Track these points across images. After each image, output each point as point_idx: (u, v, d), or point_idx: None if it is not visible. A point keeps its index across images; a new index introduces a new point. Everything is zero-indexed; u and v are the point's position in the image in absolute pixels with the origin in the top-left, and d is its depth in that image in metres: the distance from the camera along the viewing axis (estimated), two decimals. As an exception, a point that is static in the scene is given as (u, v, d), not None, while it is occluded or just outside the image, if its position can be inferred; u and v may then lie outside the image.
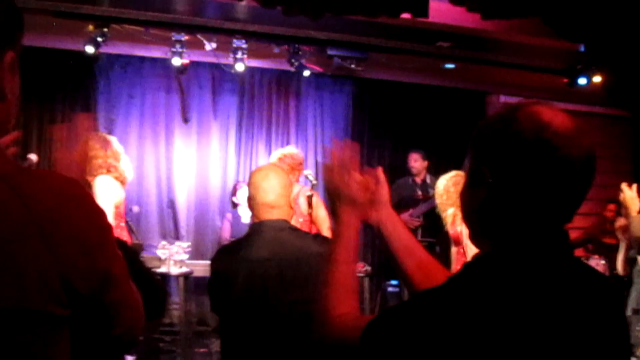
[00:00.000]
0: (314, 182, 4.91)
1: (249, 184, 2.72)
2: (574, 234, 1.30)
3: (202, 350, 6.41)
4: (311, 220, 4.80)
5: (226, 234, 6.67)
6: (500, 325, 1.11)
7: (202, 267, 6.35)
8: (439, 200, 4.95)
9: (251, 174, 2.79)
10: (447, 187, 4.99)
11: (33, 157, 4.91)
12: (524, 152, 1.20)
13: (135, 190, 7.18)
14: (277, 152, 5.55)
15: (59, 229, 1.00)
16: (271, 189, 2.64)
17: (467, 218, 1.34)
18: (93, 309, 1.09)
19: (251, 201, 2.69)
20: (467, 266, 1.25)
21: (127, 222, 6.52)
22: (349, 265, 1.47)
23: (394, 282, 7.04)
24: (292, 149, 5.62)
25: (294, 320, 2.49)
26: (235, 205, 6.69)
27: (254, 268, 2.53)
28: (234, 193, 6.89)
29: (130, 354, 5.78)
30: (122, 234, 5.07)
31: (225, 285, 2.61)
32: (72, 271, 1.02)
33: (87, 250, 1.04)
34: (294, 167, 5.24)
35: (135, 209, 6.69)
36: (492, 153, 1.26)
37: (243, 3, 4.50)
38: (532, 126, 1.21)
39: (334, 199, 1.55)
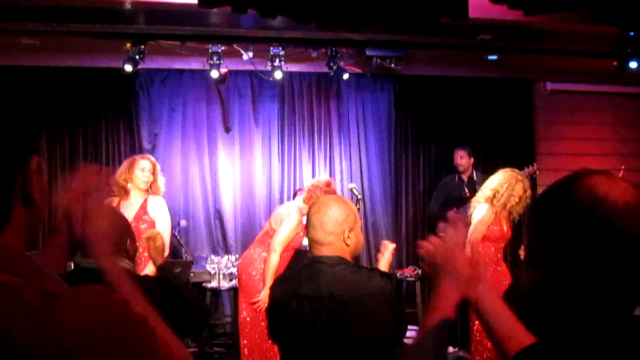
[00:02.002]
0: (359, 196, 4.81)
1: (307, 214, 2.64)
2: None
3: (256, 360, 6.40)
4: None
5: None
6: None
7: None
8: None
9: (311, 204, 2.69)
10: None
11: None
12: (578, 231, 1.10)
13: (182, 203, 7.24)
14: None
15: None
16: (321, 225, 2.51)
17: (526, 299, 1.26)
18: None
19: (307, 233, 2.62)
20: (522, 354, 1.16)
21: (176, 237, 6.59)
22: (437, 329, 1.48)
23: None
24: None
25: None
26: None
27: (303, 305, 2.46)
28: (293, 198, 6.79)
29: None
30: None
31: (278, 317, 2.56)
32: None
33: None
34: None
35: (183, 223, 6.74)
36: (545, 232, 1.17)
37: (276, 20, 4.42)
38: (586, 202, 1.11)
39: (440, 272, 1.55)
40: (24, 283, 0.97)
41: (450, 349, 6.56)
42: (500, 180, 5.16)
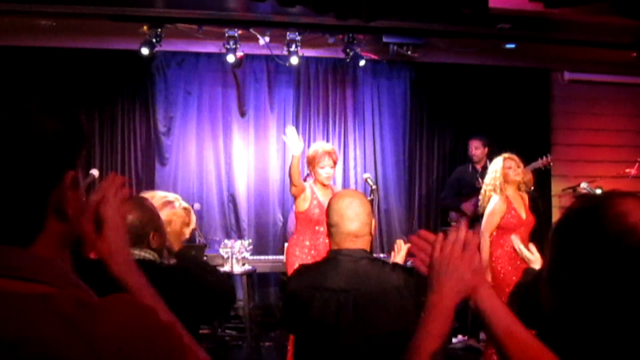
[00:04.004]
0: (373, 186, 4.80)
1: (330, 210, 2.64)
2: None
3: (268, 343, 6.48)
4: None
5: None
6: None
7: (263, 263, 6.41)
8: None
9: (332, 201, 2.69)
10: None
11: (95, 172, 5.02)
12: (607, 259, 1.09)
13: (196, 186, 7.27)
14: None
15: None
16: (356, 217, 2.57)
17: (546, 317, 1.25)
18: None
19: (332, 228, 2.62)
20: None
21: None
22: (441, 340, 1.41)
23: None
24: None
25: (365, 353, 2.46)
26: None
27: (329, 298, 2.50)
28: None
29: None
30: None
31: (299, 309, 2.58)
32: None
33: None
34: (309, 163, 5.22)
35: (197, 206, 6.75)
36: (571, 255, 1.15)
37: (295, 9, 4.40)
38: (617, 230, 1.09)
39: (443, 271, 1.46)
40: (58, 292, 0.98)
41: (460, 337, 6.58)
42: (489, 172, 5.52)
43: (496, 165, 5.42)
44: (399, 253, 2.97)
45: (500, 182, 5.29)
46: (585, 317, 1.13)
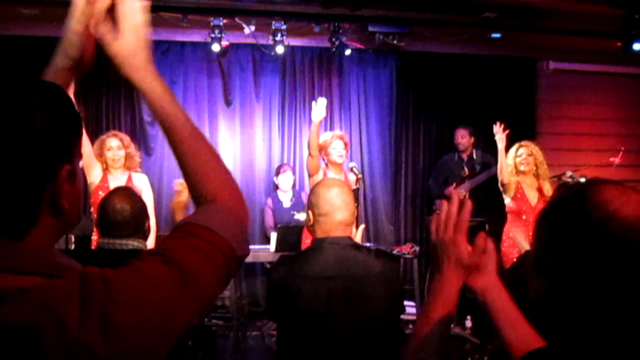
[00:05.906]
0: (359, 175, 4.81)
1: (319, 200, 2.61)
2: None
3: (255, 333, 6.48)
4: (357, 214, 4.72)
5: (270, 221, 6.66)
6: None
7: (250, 253, 6.38)
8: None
9: (320, 190, 2.65)
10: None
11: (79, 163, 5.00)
12: (589, 246, 1.10)
13: (182, 176, 7.22)
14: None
15: None
16: (346, 207, 2.59)
17: (534, 304, 1.27)
18: None
19: (322, 217, 2.59)
20: (529, 357, 1.18)
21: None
22: (441, 325, 1.39)
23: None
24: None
25: (354, 338, 2.48)
26: (277, 187, 6.76)
27: (318, 286, 2.49)
28: (277, 174, 6.78)
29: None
30: None
31: (286, 299, 2.56)
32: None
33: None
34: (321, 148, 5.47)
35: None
36: (553, 243, 1.17)
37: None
38: (598, 216, 1.11)
39: (441, 255, 1.44)
40: (44, 284, 0.95)
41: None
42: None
43: (510, 153, 5.61)
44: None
45: (512, 169, 5.47)
46: (569, 303, 1.15)
